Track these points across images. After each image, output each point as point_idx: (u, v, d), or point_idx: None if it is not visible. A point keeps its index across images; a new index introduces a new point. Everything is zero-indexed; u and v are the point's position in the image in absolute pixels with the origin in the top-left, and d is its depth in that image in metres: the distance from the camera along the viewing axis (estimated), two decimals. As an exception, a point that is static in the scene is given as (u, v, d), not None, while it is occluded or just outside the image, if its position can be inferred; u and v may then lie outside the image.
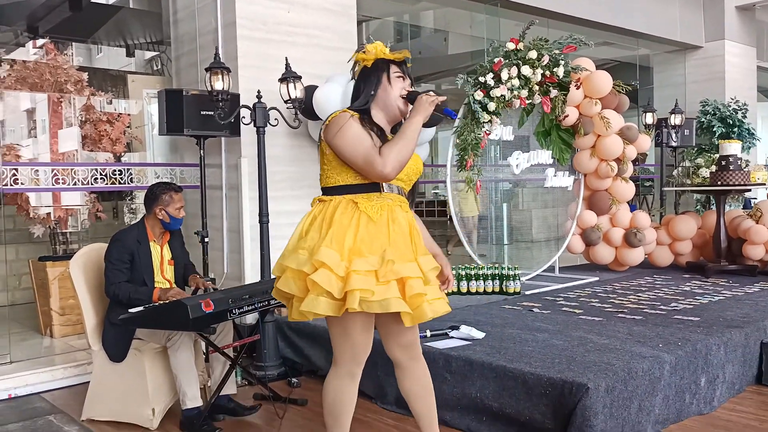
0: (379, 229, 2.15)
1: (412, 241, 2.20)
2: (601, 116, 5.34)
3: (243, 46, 4.46)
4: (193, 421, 3.06)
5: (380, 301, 2.08)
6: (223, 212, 4.67)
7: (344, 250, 2.10)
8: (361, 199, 2.19)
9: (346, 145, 2.16)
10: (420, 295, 2.11)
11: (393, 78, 2.29)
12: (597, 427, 2.59)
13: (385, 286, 2.09)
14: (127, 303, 3.13)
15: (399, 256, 2.12)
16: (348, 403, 2.32)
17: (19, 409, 3.58)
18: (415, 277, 2.12)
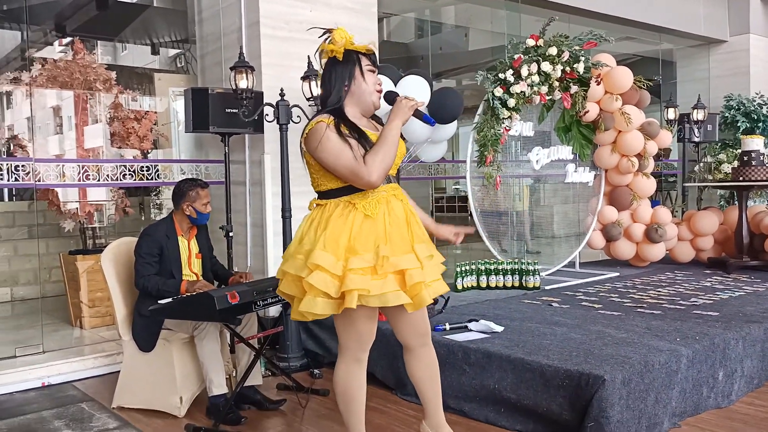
0: (375, 224, 2.22)
1: (409, 230, 2.28)
2: (621, 112, 5.34)
3: (266, 44, 4.55)
4: (219, 408, 3.16)
5: (378, 296, 2.17)
6: (247, 207, 4.77)
7: (340, 250, 2.18)
8: (358, 199, 2.25)
9: (329, 159, 2.21)
10: (419, 283, 2.20)
11: (366, 71, 2.31)
12: (613, 419, 2.64)
13: (381, 281, 2.17)
14: (156, 295, 3.24)
15: (395, 249, 2.20)
16: (358, 388, 2.40)
17: (52, 396, 3.72)
18: (413, 267, 2.20)
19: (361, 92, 2.32)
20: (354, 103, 2.34)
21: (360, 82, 2.31)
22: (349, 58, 2.31)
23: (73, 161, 4.61)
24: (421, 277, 2.21)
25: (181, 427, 3.15)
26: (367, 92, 2.32)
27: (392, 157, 2.23)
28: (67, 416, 3.37)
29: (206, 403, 3.27)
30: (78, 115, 5.16)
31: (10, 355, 4.15)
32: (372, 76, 2.33)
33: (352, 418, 2.43)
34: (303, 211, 4.34)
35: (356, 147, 2.22)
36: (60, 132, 5.37)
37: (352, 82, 2.31)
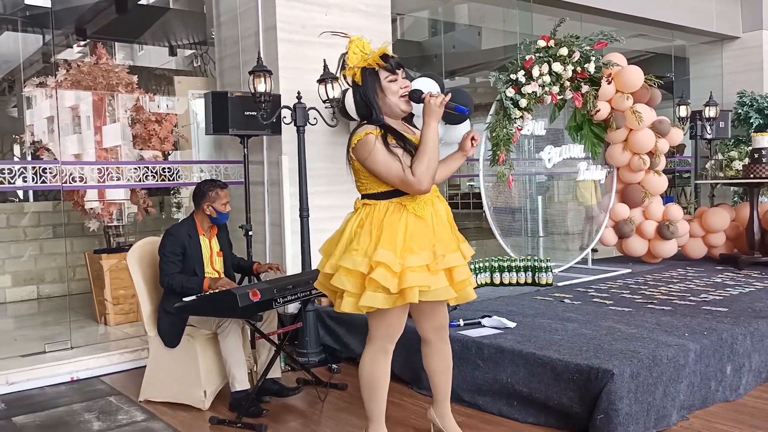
0: (425, 225, 2.38)
1: (453, 230, 2.46)
2: (632, 110, 5.40)
3: (283, 48, 4.67)
4: (241, 402, 3.29)
5: (433, 292, 2.35)
6: (265, 207, 4.90)
7: (397, 249, 2.32)
8: (407, 201, 2.39)
9: (380, 170, 2.36)
10: (465, 280, 2.40)
11: (385, 85, 2.40)
12: (622, 411, 2.73)
13: (435, 277, 2.35)
14: (180, 292, 3.37)
15: (445, 248, 2.38)
16: (383, 377, 2.54)
17: (81, 390, 3.87)
18: (460, 265, 2.38)
19: (387, 105, 2.43)
20: (387, 114, 2.45)
21: (383, 96, 2.41)
22: (366, 77, 2.40)
23: (98, 163, 4.76)
24: (467, 274, 2.41)
25: (205, 419, 3.28)
26: (392, 103, 2.43)
27: (436, 160, 2.35)
28: (96, 409, 3.52)
29: (229, 396, 3.40)
30: (102, 117, 5.32)
31: (39, 351, 4.32)
32: (393, 86, 2.41)
33: (374, 406, 2.57)
34: (320, 211, 4.52)
35: (403, 156, 2.35)
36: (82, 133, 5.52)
37: (377, 99, 2.41)
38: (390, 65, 2.41)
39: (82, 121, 5.43)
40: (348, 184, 4.82)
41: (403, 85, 2.44)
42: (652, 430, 2.88)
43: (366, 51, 2.42)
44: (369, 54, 2.41)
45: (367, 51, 2.42)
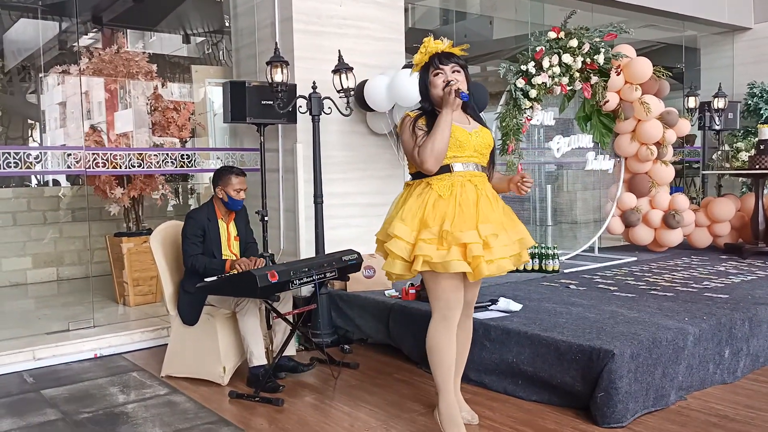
0: (447, 203, 2.59)
1: (476, 211, 2.60)
2: (641, 101, 5.50)
3: (298, 39, 4.79)
4: (258, 378, 3.45)
5: (442, 263, 2.54)
6: (280, 193, 5.04)
7: (414, 223, 2.59)
8: (435, 181, 2.64)
9: (403, 147, 2.73)
10: (477, 257, 2.53)
11: (431, 79, 2.69)
12: (622, 390, 2.87)
13: (446, 251, 2.53)
14: (203, 273, 3.54)
15: (461, 226, 2.54)
16: (445, 347, 2.67)
17: (105, 366, 4.05)
18: (473, 242, 2.53)
19: (433, 96, 2.70)
20: (438, 105, 2.68)
21: (430, 88, 2.70)
22: (421, 72, 2.74)
23: (120, 150, 4.92)
24: (480, 251, 2.53)
25: (224, 394, 3.45)
26: (434, 95, 2.69)
27: (442, 144, 2.57)
28: (120, 383, 3.70)
29: (246, 373, 3.56)
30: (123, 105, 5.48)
31: (63, 329, 4.50)
32: (437, 79, 2.67)
33: (438, 375, 2.70)
34: (333, 197, 4.67)
35: (421, 138, 2.62)
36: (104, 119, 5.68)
37: (427, 91, 2.71)
38: (435, 61, 2.68)
39: (103, 108, 5.59)
40: (359, 172, 5.02)
41: (446, 80, 2.64)
42: (650, 409, 3.02)
43: (429, 49, 2.70)
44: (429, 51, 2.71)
45: (430, 49, 2.71)
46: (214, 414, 3.19)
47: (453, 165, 2.64)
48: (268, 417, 3.14)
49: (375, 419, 3.07)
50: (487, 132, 2.76)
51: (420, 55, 2.73)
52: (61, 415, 3.24)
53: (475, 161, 2.69)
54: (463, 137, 2.65)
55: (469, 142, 2.66)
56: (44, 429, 3.06)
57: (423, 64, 2.72)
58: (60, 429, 3.06)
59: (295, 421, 3.09)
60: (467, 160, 2.66)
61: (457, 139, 2.63)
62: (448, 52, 2.70)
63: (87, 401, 3.42)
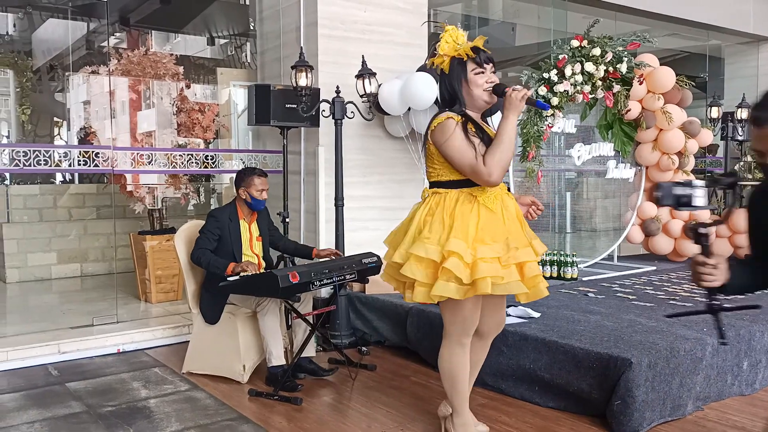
0: (497, 218, 2.38)
1: (522, 226, 2.46)
2: (663, 111, 5.48)
3: (323, 43, 4.86)
4: (277, 377, 3.51)
5: (504, 285, 2.34)
6: (301, 195, 5.11)
7: (468, 239, 2.33)
8: (478, 192, 2.39)
9: (454, 155, 2.36)
10: (536, 276, 2.40)
11: (471, 77, 2.41)
12: (638, 398, 2.88)
13: (507, 271, 2.34)
14: (205, 268, 3.60)
15: (517, 242, 2.37)
16: (462, 369, 2.58)
17: (128, 361, 4.14)
18: (531, 260, 2.39)
19: (471, 96, 2.45)
20: (470, 107, 2.47)
21: (467, 88, 2.44)
22: (454, 68, 2.44)
23: (147, 150, 5.02)
24: (538, 270, 2.42)
25: (244, 391, 3.51)
26: (476, 95, 2.44)
27: (510, 155, 2.34)
28: (143, 379, 3.77)
29: (266, 372, 3.62)
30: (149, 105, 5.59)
31: (87, 324, 4.60)
32: (479, 78, 2.42)
33: (456, 397, 2.63)
34: (353, 200, 4.71)
35: (479, 146, 2.36)
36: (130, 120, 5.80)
37: (462, 90, 2.45)
38: (479, 58, 2.42)
39: (129, 108, 5.70)
40: (379, 176, 5.06)
41: (489, 80, 2.43)
42: (667, 419, 3.03)
43: (459, 41, 2.45)
44: (461, 45, 2.44)
45: (460, 41, 2.45)
46: (234, 411, 3.25)
47: None
48: (287, 415, 3.19)
49: (392, 421, 3.11)
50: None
51: (448, 46, 2.43)
52: (85, 407, 3.32)
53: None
54: None
55: None
56: (68, 421, 3.14)
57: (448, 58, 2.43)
58: (84, 421, 3.13)
59: (314, 420, 3.14)
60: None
61: None
62: (484, 50, 2.43)
63: (110, 395, 3.50)
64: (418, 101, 4.46)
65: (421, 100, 4.43)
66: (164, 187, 5.41)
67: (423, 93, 4.41)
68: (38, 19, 8.62)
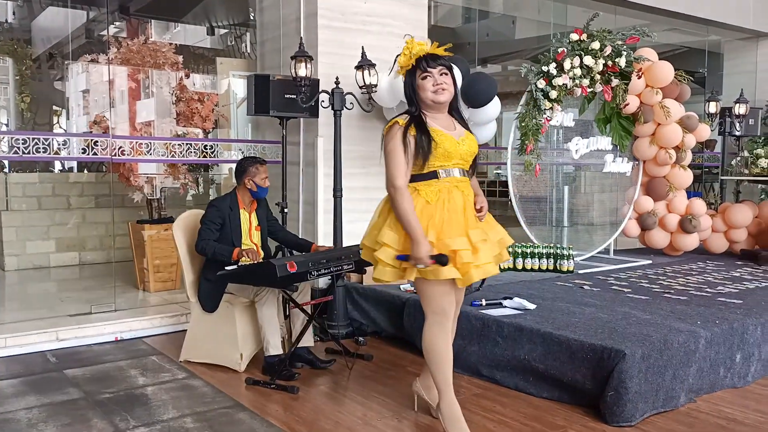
0: (434, 209, 2.59)
1: (464, 216, 2.64)
2: (661, 105, 5.50)
3: (323, 34, 4.86)
4: (274, 366, 3.53)
5: (433, 270, 2.54)
6: (300, 186, 5.12)
7: (401, 230, 2.58)
8: (422, 186, 2.63)
9: (386, 157, 2.64)
10: (467, 263, 2.56)
11: (419, 82, 2.66)
12: (632, 390, 2.91)
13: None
14: (211, 257, 3.63)
15: (451, 232, 2.56)
16: (442, 348, 2.73)
17: (125, 349, 4.16)
18: (463, 249, 2.56)
19: (423, 100, 2.68)
20: (425, 107, 2.69)
21: (419, 91, 2.68)
22: (408, 73, 2.69)
23: (146, 138, 5.02)
24: (470, 258, 2.56)
25: (241, 380, 3.53)
26: (423, 98, 2.67)
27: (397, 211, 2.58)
28: (140, 366, 3.80)
29: (263, 361, 3.65)
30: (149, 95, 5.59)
31: (86, 312, 4.62)
32: (426, 83, 2.64)
33: (438, 377, 2.76)
34: (351, 191, 4.73)
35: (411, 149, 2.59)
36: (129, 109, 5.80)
37: (415, 93, 2.69)
38: (423, 64, 2.64)
39: (128, 97, 5.70)
40: (379, 167, 5.03)
41: (436, 82, 2.63)
42: (660, 410, 3.06)
43: (414, 51, 2.67)
44: (414, 53, 2.67)
45: (414, 51, 2.67)
46: (231, 399, 3.28)
47: (439, 172, 2.64)
48: (283, 404, 3.22)
49: (387, 410, 3.14)
50: (472, 139, 2.76)
51: (404, 57, 2.69)
52: (82, 394, 3.34)
53: (459, 167, 2.69)
54: (452, 147, 2.64)
55: (457, 151, 2.65)
56: (66, 407, 3.17)
57: (409, 67, 2.68)
58: (81, 408, 3.16)
59: (310, 408, 3.17)
60: (453, 167, 2.67)
61: (447, 149, 2.62)
62: (434, 54, 2.67)
63: (108, 382, 3.52)
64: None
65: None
66: (163, 177, 5.40)
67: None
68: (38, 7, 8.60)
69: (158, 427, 2.93)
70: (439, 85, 2.64)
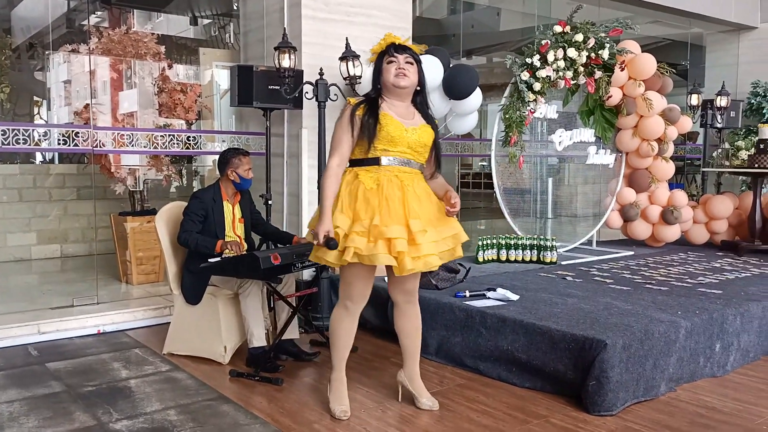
0: (373, 197, 2.65)
1: (404, 207, 2.67)
2: (644, 97, 5.54)
3: (306, 25, 4.83)
4: (258, 358, 3.53)
5: (369, 256, 2.62)
6: (284, 178, 5.10)
7: (351, 214, 2.67)
8: (362, 171, 2.71)
9: (334, 133, 2.77)
10: (402, 252, 2.62)
11: (385, 66, 2.75)
12: (613, 379, 2.94)
13: (373, 244, 2.62)
14: (193, 249, 3.61)
15: (388, 220, 2.62)
16: (344, 332, 2.92)
17: (108, 342, 4.14)
18: (398, 237, 2.61)
19: (386, 83, 2.76)
20: (387, 93, 2.78)
21: (382, 74, 2.77)
22: (377, 58, 2.80)
23: (128, 130, 4.98)
24: (404, 247, 2.62)
25: (225, 372, 3.53)
26: (385, 80, 2.75)
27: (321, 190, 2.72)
28: (123, 359, 3.78)
29: (246, 353, 3.64)
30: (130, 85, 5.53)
31: (68, 305, 4.58)
32: (390, 66, 2.73)
33: (334, 355, 2.97)
34: (337, 183, 4.69)
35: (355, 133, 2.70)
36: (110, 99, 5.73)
37: (380, 76, 2.78)
38: (389, 50, 2.75)
39: (110, 88, 5.64)
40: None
41: (399, 66, 2.71)
42: (640, 399, 3.10)
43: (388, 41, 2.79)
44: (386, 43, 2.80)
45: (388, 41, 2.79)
46: (215, 391, 3.27)
47: (382, 158, 2.69)
48: (267, 396, 3.22)
49: (371, 400, 3.15)
50: (427, 130, 2.79)
51: (378, 45, 2.81)
52: (65, 387, 3.32)
53: (408, 157, 2.73)
54: (397, 132, 2.68)
55: (403, 138, 2.69)
56: (48, 400, 3.15)
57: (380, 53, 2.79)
58: (63, 401, 3.14)
59: (294, 400, 3.17)
60: (398, 155, 2.70)
61: (389, 133, 2.67)
62: (405, 45, 2.78)
63: (90, 375, 3.50)
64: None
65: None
66: (146, 169, 5.35)
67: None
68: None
69: (141, 419, 2.91)
70: (402, 69, 2.71)
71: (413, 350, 3.02)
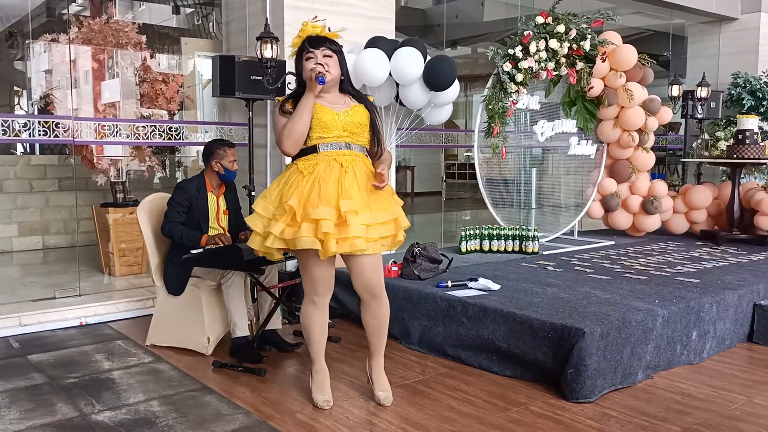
0: (304, 181, 2.64)
1: (338, 188, 2.63)
2: (624, 88, 5.59)
3: (289, 15, 4.82)
4: (241, 348, 3.54)
5: (292, 239, 2.61)
6: (267, 169, 5.10)
7: (274, 200, 2.68)
8: (301, 161, 2.71)
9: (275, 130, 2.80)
10: (327, 234, 2.58)
11: (304, 63, 2.75)
12: (591, 367, 2.99)
13: (296, 228, 2.60)
14: (177, 241, 3.60)
15: (317, 202, 2.59)
16: (316, 326, 2.90)
17: (90, 334, 4.13)
18: (324, 218, 2.57)
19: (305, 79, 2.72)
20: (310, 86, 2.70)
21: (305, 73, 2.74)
22: (297, 55, 2.80)
23: (109, 120, 4.94)
24: (330, 228, 2.58)
25: (208, 363, 3.54)
26: (305, 76, 2.72)
27: (298, 127, 2.64)
28: (106, 351, 3.78)
29: (230, 344, 3.65)
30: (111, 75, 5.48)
31: (50, 297, 4.56)
32: (307, 63, 2.73)
33: (310, 347, 2.97)
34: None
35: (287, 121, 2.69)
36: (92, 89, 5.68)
37: (303, 72, 2.76)
38: (304, 45, 2.75)
39: (91, 78, 5.59)
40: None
41: (317, 61, 2.70)
42: (618, 386, 3.15)
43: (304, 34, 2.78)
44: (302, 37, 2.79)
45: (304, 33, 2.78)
46: (198, 382, 3.28)
47: (319, 146, 2.70)
48: (250, 386, 3.24)
49: (354, 390, 3.18)
50: (359, 110, 2.78)
51: (296, 38, 2.78)
52: (47, 379, 3.32)
53: (345, 140, 2.73)
54: (328, 118, 2.69)
55: (336, 122, 2.70)
56: (30, 392, 3.14)
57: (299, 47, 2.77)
58: (46, 393, 3.14)
59: (277, 390, 3.19)
60: (335, 140, 2.71)
61: (321, 120, 2.68)
62: (321, 36, 2.75)
63: (73, 367, 3.50)
64: (369, 78, 4.48)
65: (374, 75, 4.45)
66: (129, 160, 5.32)
67: (373, 69, 4.43)
68: (-5, -16, 8.31)
69: (124, 410, 2.92)
70: (320, 64, 2.69)
71: (379, 344, 2.98)
